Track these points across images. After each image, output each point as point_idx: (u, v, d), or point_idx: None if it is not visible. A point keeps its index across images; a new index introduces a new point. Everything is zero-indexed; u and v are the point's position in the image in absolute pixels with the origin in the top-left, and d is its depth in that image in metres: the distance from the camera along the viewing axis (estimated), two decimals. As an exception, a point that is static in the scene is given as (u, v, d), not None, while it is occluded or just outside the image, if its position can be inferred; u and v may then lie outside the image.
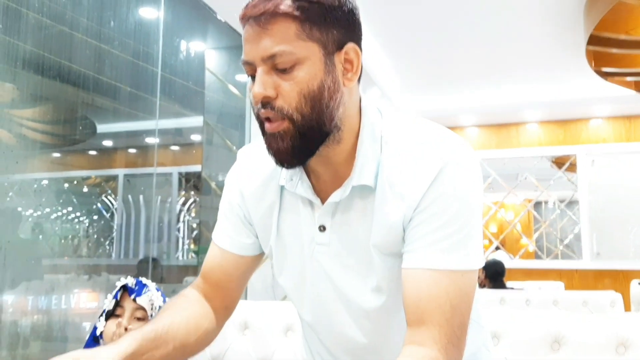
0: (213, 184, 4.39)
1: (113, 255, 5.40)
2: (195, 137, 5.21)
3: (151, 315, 1.74)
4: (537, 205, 9.09)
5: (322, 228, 1.06)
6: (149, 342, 1.01)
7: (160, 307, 1.74)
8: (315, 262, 1.08)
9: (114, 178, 5.86)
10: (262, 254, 1.23)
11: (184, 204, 6.29)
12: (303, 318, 1.17)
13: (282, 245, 1.13)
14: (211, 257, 1.22)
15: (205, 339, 1.18)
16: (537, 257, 8.53)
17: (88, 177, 5.61)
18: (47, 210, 5.30)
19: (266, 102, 0.97)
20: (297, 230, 1.10)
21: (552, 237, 8.84)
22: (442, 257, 0.95)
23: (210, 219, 4.56)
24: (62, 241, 5.23)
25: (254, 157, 1.17)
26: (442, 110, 6.98)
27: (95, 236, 5.55)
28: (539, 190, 8.24)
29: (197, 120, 4.62)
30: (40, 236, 5.08)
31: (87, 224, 5.57)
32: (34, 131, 4.29)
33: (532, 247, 8.72)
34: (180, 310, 1.12)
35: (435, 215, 0.96)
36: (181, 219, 6.10)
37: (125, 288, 1.78)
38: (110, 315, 1.78)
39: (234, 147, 1.31)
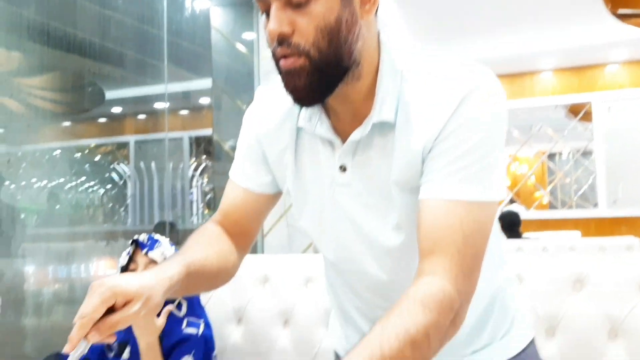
0: (225, 147, 4.38)
1: (129, 221, 5.44)
2: (204, 100, 5.17)
3: None
4: (551, 156, 9.01)
5: (343, 168, 1.04)
6: (190, 278, 1.01)
7: None
8: (336, 203, 1.07)
9: (125, 145, 5.86)
10: (281, 192, 1.22)
11: (196, 169, 6.29)
12: (326, 257, 1.16)
13: (302, 187, 1.12)
14: (229, 195, 1.21)
15: (230, 274, 1.19)
16: (552, 208, 8.50)
17: (99, 146, 5.62)
18: (61, 180, 5.33)
19: (282, 40, 0.94)
20: (317, 172, 1.09)
21: (567, 189, 8.79)
22: (459, 188, 0.93)
23: (223, 182, 4.57)
24: (78, 210, 5.27)
25: (270, 97, 1.14)
26: (453, 61, 6.80)
27: (110, 204, 5.59)
28: (552, 141, 8.15)
29: (205, 83, 4.58)
30: (57, 206, 5.13)
31: (101, 193, 5.62)
32: (42, 100, 4.28)
33: (546, 199, 8.69)
34: (211, 244, 1.12)
35: (455, 145, 0.94)
36: (194, 184, 6.11)
37: (137, 244, 1.80)
38: (124, 270, 1.80)
39: (244, 107, 1.28)
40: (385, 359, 0.78)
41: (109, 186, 5.66)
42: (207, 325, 1.84)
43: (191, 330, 1.77)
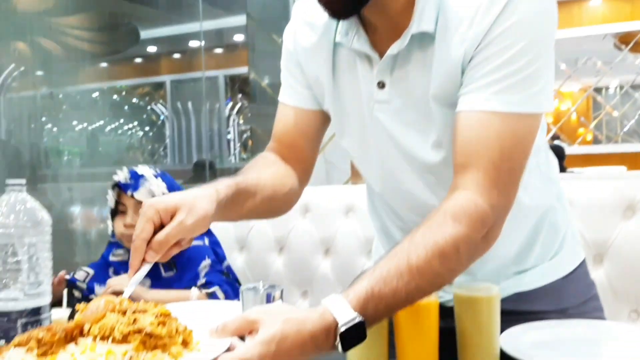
0: (262, 84, 4.33)
1: (168, 161, 5.53)
2: (239, 38, 5.10)
3: None
4: (597, 90, 8.67)
5: (381, 85, 1.00)
6: (240, 193, 0.99)
7: (163, 193, 1.64)
8: (376, 120, 1.03)
9: (162, 85, 5.87)
10: None
11: (232, 108, 6.28)
12: (369, 182, 1.14)
13: (340, 105, 1.08)
14: (282, 119, 1.17)
15: (290, 198, 1.15)
16: (597, 144, 8.25)
17: (136, 87, 5.65)
18: (101, 122, 5.42)
19: None
20: (355, 89, 1.05)
21: (613, 124, 8.49)
22: (497, 98, 0.87)
23: (260, 121, 4.55)
24: (118, 151, 5.37)
25: (307, 12, 1.10)
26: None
27: (149, 144, 5.68)
28: (598, 76, 7.82)
29: (239, 20, 4.48)
30: (99, 147, 5.24)
31: (140, 134, 5.70)
32: (77, 39, 4.28)
33: (590, 136, 8.43)
34: (265, 167, 1.10)
35: (499, 51, 0.87)
36: (230, 123, 6.11)
37: (119, 186, 1.68)
38: (114, 214, 1.71)
39: (280, 41, 1.25)
40: (412, 269, 0.76)
41: (147, 127, 5.74)
42: (210, 234, 1.79)
43: (197, 242, 1.68)
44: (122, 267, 1.71)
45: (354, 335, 0.70)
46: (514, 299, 1.02)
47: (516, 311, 1.01)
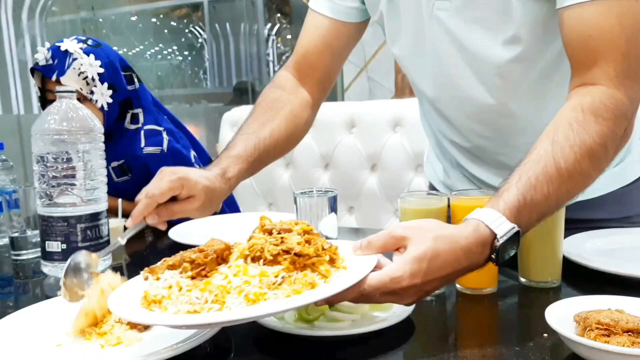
0: (302, 1, 4.18)
1: (208, 84, 5.51)
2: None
3: (91, 91, 1.37)
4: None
5: None
6: (254, 163, 1.01)
7: (99, 74, 1.39)
8: (435, 20, 0.96)
9: (199, 7, 5.75)
10: (366, 21, 1.12)
11: (271, 29, 6.14)
12: (422, 90, 1.08)
13: (395, 8, 1.02)
14: (310, 28, 1.13)
15: (303, 134, 1.16)
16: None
17: (174, 9, 5.56)
18: (141, 47, 5.40)
19: None
20: None
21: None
22: None
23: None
24: (160, 74, 5.38)
25: None
26: None
27: (189, 69, 5.65)
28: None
29: None
30: (141, 75, 5.24)
31: (180, 58, 5.67)
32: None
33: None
34: (279, 113, 1.08)
35: None
36: (269, 44, 5.99)
37: (40, 71, 1.39)
38: (42, 102, 1.44)
39: None
40: (561, 171, 0.72)
41: (186, 51, 5.69)
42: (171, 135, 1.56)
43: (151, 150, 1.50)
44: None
45: (508, 247, 0.67)
46: (575, 207, 0.99)
47: (577, 219, 0.97)
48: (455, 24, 0.95)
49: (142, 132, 1.51)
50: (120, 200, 1.17)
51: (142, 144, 1.49)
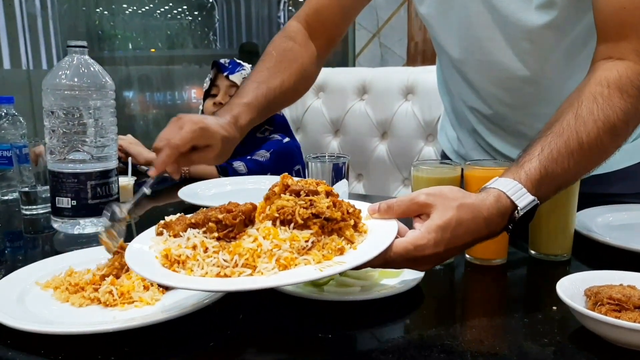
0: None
1: (218, 45, 5.45)
2: None
3: None
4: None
5: None
6: (263, 110, 1.00)
7: None
8: None
9: (211, -34, 5.65)
10: None
11: (283, -9, 6.03)
12: (446, 52, 1.06)
13: None
14: None
15: (309, 85, 1.17)
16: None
17: (185, -34, 5.47)
18: (151, 5, 5.33)
19: None
20: None
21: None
22: None
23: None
24: (169, 33, 5.32)
25: None
26: None
27: (199, 30, 5.59)
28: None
29: None
30: (149, 31, 5.18)
31: (189, 18, 5.60)
32: None
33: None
34: (290, 65, 1.07)
35: None
36: (281, 7, 5.91)
37: (218, 67, 1.81)
38: (207, 95, 1.86)
39: None
40: (583, 145, 0.71)
41: (196, 12, 5.62)
42: (294, 139, 1.85)
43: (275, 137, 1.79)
44: None
45: (525, 217, 0.67)
46: (590, 181, 0.97)
47: (592, 193, 0.96)
48: None
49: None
50: (130, 158, 1.16)
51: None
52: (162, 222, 0.65)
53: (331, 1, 1.11)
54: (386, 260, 0.60)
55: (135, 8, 5.10)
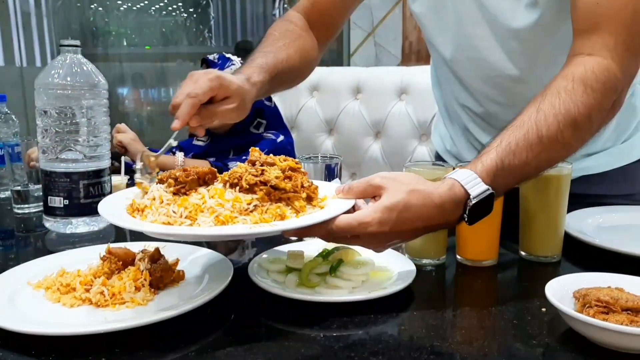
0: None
1: (213, 42, 5.44)
2: None
3: None
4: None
5: None
6: (272, 79, 0.96)
7: None
8: None
9: (206, -37, 5.63)
10: None
11: (278, -12, 6.02)
12: (439, 50, 1.06)
13: None
14: None
15: (310, 70, 1.15)
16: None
17: (180, -37, 5.44)
18: (146, 2, 5.30)
19: None
20: None
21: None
22: None
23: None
24: (164, 30, 5.30)
25: None
26: None
27: (194, 27, 5.57)
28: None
29: None
30: (144, 28, 5.16)
31: (184, 15, 5.58)
32: None
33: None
34: (293, 41, 1.05)
35: None
36: (276, 4, 5.89)
37: (207, 63, 1.79)
38: None
39: None
40: (542, 139, 0.71)
41: (191, 8, 5.60)
42: (288, 136, 1.85)
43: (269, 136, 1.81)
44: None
45: (481, 208, 0.68)
46: (580, 182, 0.98)
47: (582, 194, 0.97)
48: None
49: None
50: (123, 157, 1.16)
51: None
52: (162, 173, 0.73)
53: None
54: (328, 232, 0.64)
55: (129, 5, 5.09)
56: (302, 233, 0.65)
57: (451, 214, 0.67)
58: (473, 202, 0.67)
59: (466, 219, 0.68)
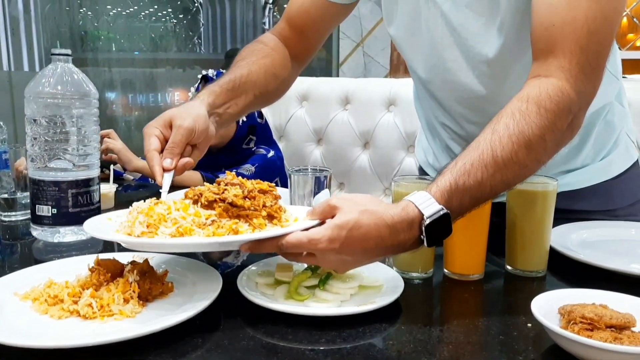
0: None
1: (202, 49, 5.43)
2: None
3: None
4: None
5: None
6: (228, 93, 0.99)
7: None
8: (431, 3, 0.96)
9: (196, -31, 5.64)
10: (353, 4, 1.12)
11: (268, -4, 6.03)
12: (415, 71, 1.08)
13: None
14: (298, 1, 1.12)
15: (283, 88, 1.15)
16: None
17: (171, -30, 5.44)
18: (135, 7, 5.29)
19: None
20: None
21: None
22: None
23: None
24: (153, 36, 5.29)
25: None
26: None
27: (183, 33, 5.57)
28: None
29: None
30: (133, 34, 5.15)
31: (174, 21, 5.57)
32: None
33: (642, 42, 7.95)
34: (259, 59, 1.07)
35: None
36: (266, 12, 5.91)
37: (206, 79, 1.82)
38: None
39: None
40: (497, 160, 0.72)
41: (181, 15, 5.60)
42: (277, 150, 1.87)
43: (260, 151, 1.83)
44: None
45: (439, 229, 0.68)
46: (562, 197, 0.99)
47: (561, 209, 0.98)
48: (449, 7, 0.96)
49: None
50: (112, 166, 1.16)
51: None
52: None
53: (303, 15, 1.12)
54: (279, 247, 0.67)
55: (119, 9, 5.07)
56: (255, 247, 0.68)
57: (404, 234, 0.68)
58: (427, 222, 0.68)
59: (424, 240, 0.68)
